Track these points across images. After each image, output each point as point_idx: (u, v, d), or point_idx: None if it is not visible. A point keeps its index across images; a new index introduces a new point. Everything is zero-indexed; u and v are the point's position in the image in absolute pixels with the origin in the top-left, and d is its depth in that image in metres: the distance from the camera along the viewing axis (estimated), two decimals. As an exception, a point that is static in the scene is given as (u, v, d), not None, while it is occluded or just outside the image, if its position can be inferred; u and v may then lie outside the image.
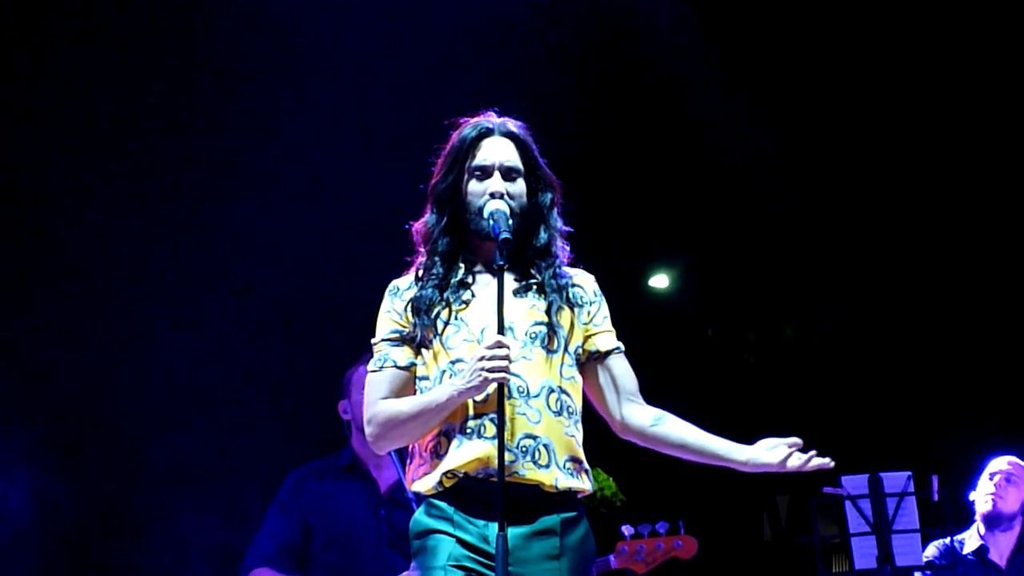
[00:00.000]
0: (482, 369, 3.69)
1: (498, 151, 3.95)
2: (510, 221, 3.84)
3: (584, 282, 4.03)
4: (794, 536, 10.91)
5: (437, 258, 3.94)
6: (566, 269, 4.02)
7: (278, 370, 7.56)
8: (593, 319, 4.00)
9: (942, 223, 9.27)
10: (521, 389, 3.80)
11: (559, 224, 4.02)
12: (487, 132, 3.97)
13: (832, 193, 9.19)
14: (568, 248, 4.03)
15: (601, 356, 4.01)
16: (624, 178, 8.96)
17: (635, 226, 9.45)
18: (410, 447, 3.94)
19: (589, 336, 4.01)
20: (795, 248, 9.63)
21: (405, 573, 5.42)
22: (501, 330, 3.74)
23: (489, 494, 3.72)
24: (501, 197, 3.88)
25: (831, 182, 9.14)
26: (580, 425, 3.93)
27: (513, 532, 3.71)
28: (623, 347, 4.05)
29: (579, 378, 3.97)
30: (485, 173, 3.92)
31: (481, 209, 3.87)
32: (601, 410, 4.03)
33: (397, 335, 3.93)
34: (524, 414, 3.78)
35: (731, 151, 8.83)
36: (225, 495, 7.03)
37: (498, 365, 3.68)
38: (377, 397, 3.90)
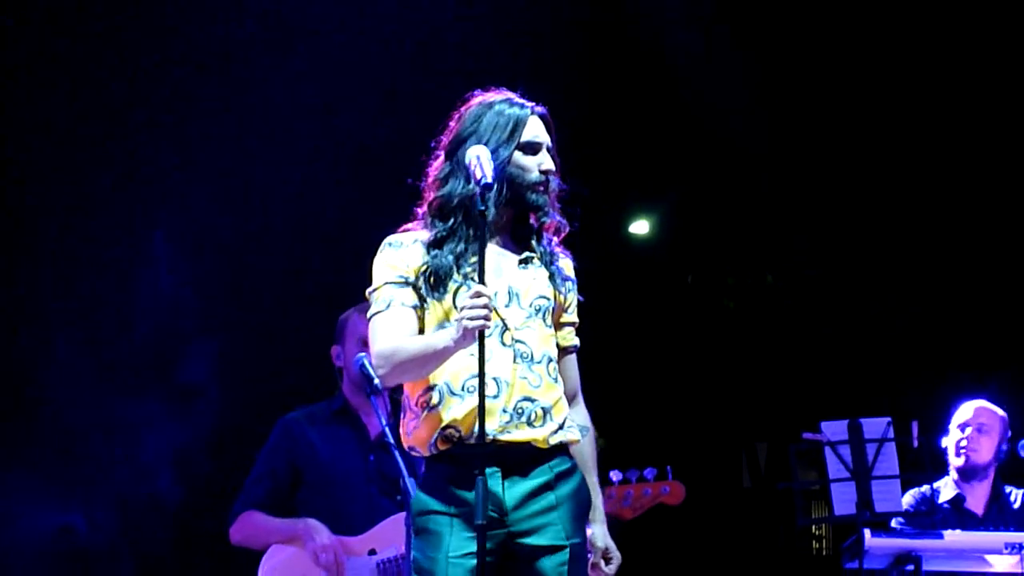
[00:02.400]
0: (461, 319, 3.75)
1: (543, 130, 4.09)
2: (492, 163, 3.89)
3: (566, 264, 4.14)
4: (773, 482, 10.96)
5: (478, 228, 3.92)
6: (557, 233, 4.14)
7: (271, 313, 7.55)
8: (568, 305, 4.13)
9: (923, 170, 9.26)
10: (525, 355, 3.92)
11: (557, 205, 4.11)
12: (531, 111, 4.08)
13: (813, 139, 9.18)
14: (558, 242, 4.16)
15: (559, 351, 4.12)
16: (603, 124, 8.92)
17: (615, 172, 9.42)
18: (402, 401, 4.03)
19: (558, 323, 4.12)
20: (775, 194, 9.62)
21: (392, 518, 5.44)
22: (482, 279, 3.79)
23: (483, 458, 3.81)
24: (550, 174, 4.03)
25: (811, 128, 9.13)
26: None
27: (510, 491, 3.87)
28: (579, 344, 4.18)
29: None
30: (534, 149, 4.04)
31: (535, 183, 3.99)
32: None
33: (402, 279, 3.98)
34: (526, 378, 3.91)
35: (711, 96, 8.80)
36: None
37: (475, 314, 3.73)
38: (383, 333, 3.94)
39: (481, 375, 3.74)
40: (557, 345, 4.08)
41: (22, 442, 6.99)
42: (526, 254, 4.03)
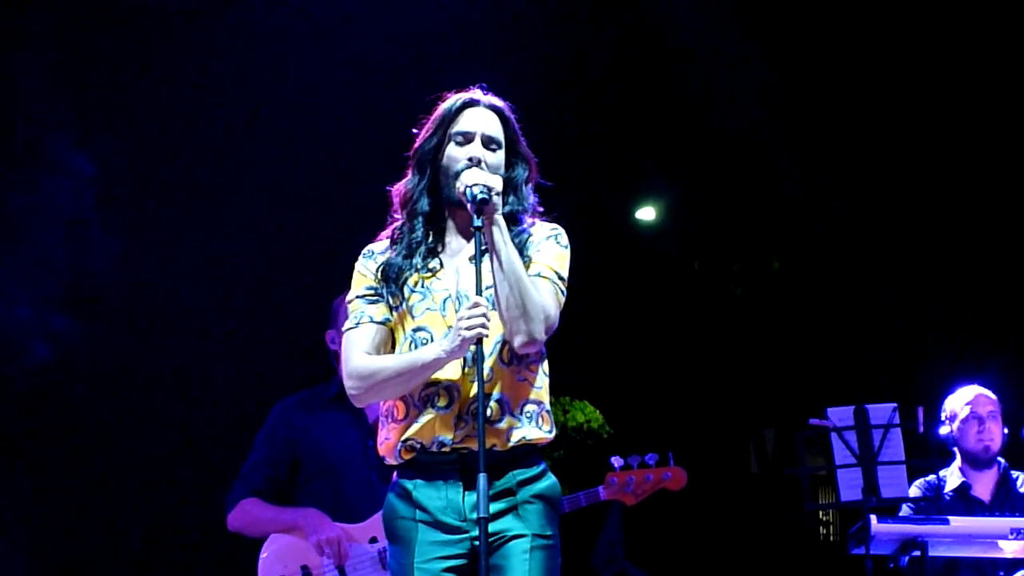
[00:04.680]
0: (459, 329, 3.77)
1: (481, 120, 4.03)
2: (487, 187, 3.86)
3: (536, 232, 4.05)
4: (780, 468, 10.98)
5: (416, 220, 4.01)
6: (534, 220, 4.07)
7: (264, 300, 7.56)
8: (530, 257, 3.99)
9: (928, 155, 9.26)
10: (476, 355, 3.82)
11: (531, 199, 4.08)
12: (472, 103, 4.05)
13: (818, 124, 9.17)
14: (536, 222, 4.07)
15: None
16: (610, 111, 8.93)
17: (622, 158, 9.43)
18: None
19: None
20: (781, 180, 9.62)
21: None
22: (479, 290, 3.80)
23: (445, 465, 3.88)
24: (479, 164, 3.95)
25: (817, 114, 9.13)
26: (538, 367, 3.99)
27: (470, 498, 3.85)
28: (543, 275, 3.98)
29: None
30: (466, 139, 4.00)
31: (458, 173, 3.93)
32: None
33: (372, 291, 4.00)
34: (475, 379, 3.82)
35: (718, 82, 8.81)
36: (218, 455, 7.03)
37: (473, 323, 3.75)
38: (357, 352, 3.96)
39: (480, 376, 3.75)
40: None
41: None
42: (485, 246, 3.89)
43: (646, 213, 10.36)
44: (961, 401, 6.70)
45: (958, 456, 6.71)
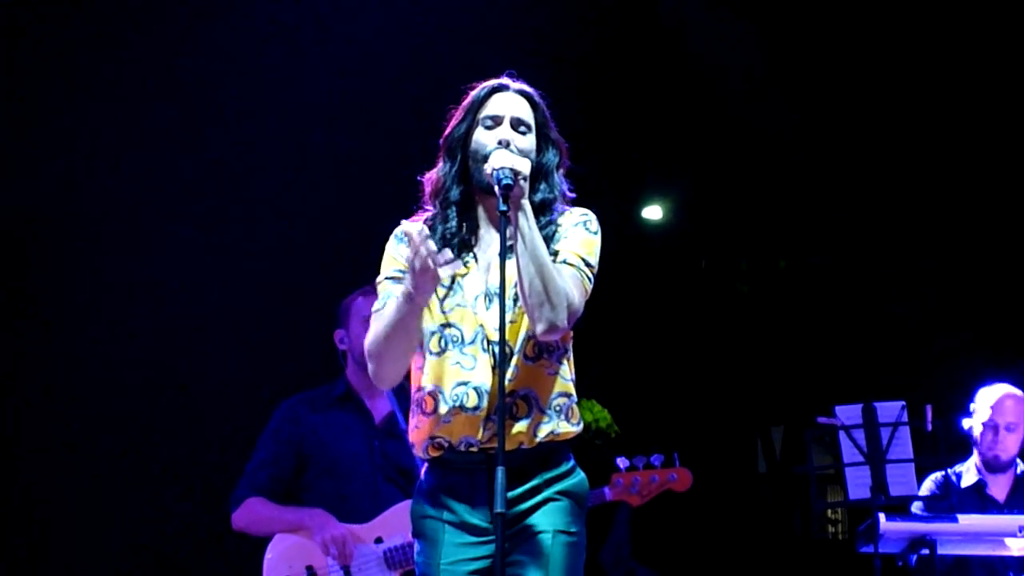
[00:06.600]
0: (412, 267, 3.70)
1: (510, 104, 4.00)
2: (514, 171, 3.81)
3: (566, 219, 4.00)
4: (788, 467, 10.98)
5: (449, 210, 3.96)
6: (565, 208, 4.02)
7: (274, 298, 7.56)
8: (556, 245, 3.95)
9: (934, 152, 9.25)
10: (506, 354, 3.80)
11: (562, 186, 4.04)
12: (501, 88, 4.03)
13: (826, 124, 9.17)
14: (567, 210, 4.01)
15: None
16: (618, 109, 8.93)
17: (629, 157, 9.43)
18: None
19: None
20: (789, 179, 9.61)
21: (399, 505, 5.44)
22: (503, 283, 3.73)
23: (472, 465, 3.86)
24: (508, 146, 3.90)
25: (825, 113, 9.12)
26: (566, 357, 3.96)
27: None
28: (569, 261, 3.94)
29: None
30: (495, 122, 3.96)
31: (486, 156, 3.88)
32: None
33: (401, 274, 3.91)
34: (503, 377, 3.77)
35: (726, 82, 8.80)
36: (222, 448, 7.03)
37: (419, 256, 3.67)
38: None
39: (501, 388, 3.69)
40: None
41: None
42: (510, 242, 3.83)
43: (653, 212, 10.36)
44: (987, 402, 6.61)
45: (975, 452, 6.66)
